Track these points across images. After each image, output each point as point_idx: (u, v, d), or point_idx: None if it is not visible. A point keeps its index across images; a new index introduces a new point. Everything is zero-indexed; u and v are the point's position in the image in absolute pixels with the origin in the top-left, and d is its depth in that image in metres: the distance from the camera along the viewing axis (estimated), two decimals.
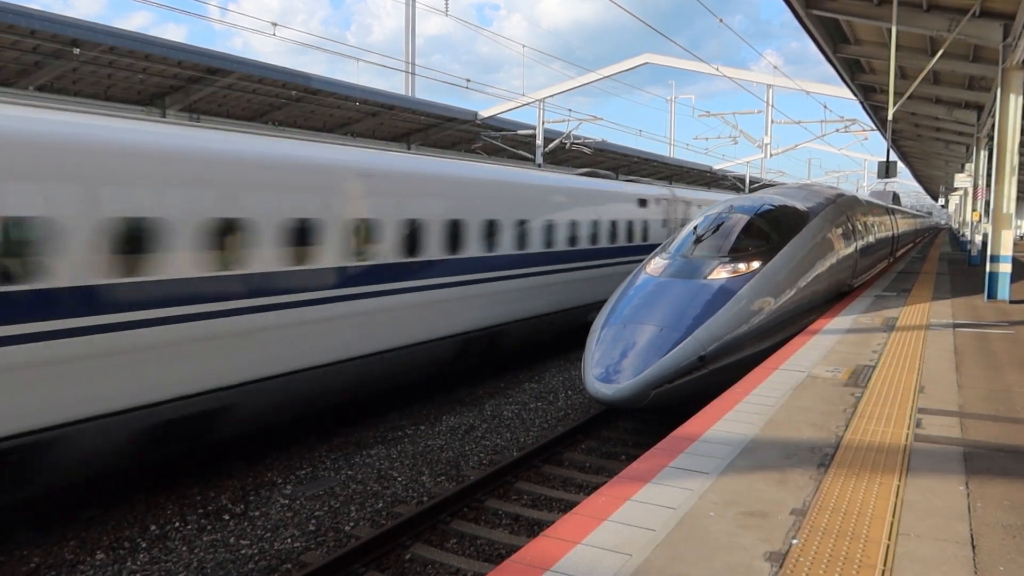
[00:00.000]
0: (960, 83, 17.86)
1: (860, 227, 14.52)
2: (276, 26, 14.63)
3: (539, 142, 26.22)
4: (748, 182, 43.35)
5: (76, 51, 14.65)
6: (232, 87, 18.73)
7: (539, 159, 25.95)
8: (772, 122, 29.82)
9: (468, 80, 21.70)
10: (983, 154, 20.73)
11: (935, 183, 56.61)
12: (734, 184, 46.80)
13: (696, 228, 10.73)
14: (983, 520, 4.02)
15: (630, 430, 9.72)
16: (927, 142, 30.29)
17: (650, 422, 9.78)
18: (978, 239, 22.15)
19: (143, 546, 6.49)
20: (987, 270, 13.63)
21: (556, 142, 26.95)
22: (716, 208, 11.33)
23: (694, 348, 8.28)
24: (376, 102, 21.86)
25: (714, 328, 8.55)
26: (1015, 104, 12.80)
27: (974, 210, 21.82)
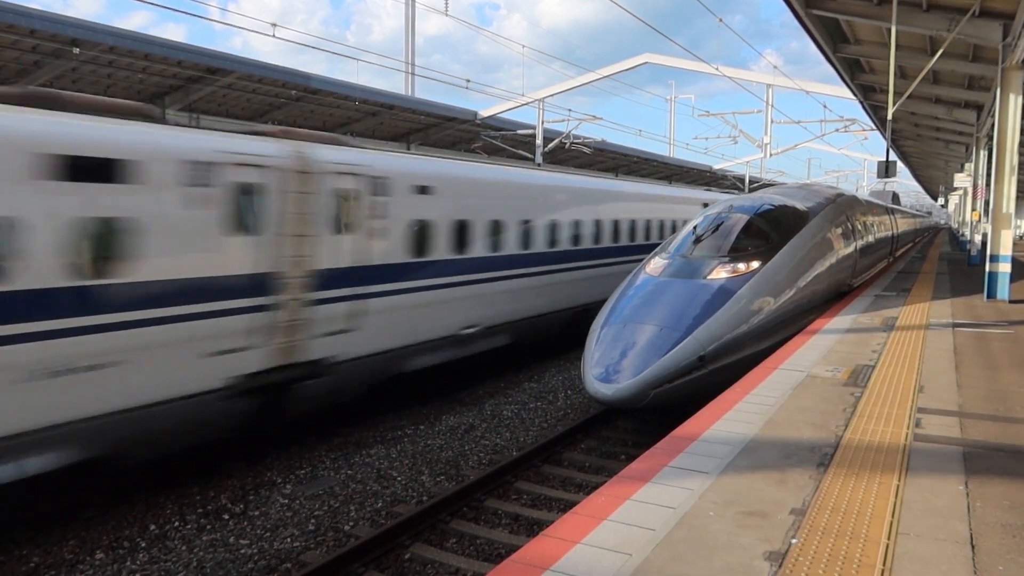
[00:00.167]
0: (960, 83, 17.87)
1: (860, 227, 14.52)
2: (276, 26, 14.63)
3: (539, 142, 26.23)
4: (748, 182, 43.36)
5: (76, 51, 14.66)
6: (232, 87, 18.74)
7: (539, 159, 25.96)
8: (772, 122, 29.86)
9: (468, 80, 21.73)
10: (983, 154, 20.74)
11: (935, 183, 56.64)
12: (734, 184, 46.81)
13: (696, 228, 10.73)
14: (982, 520, 4.02)
15: (630, 430, 9.72)
16: (927, 142, 30.30)
17: (650, 422, 9.78)
18: (978, 239, 22.15)
19: (143, 545, 6.49)
20: (987, 270, 13.63)
21: (556, 142, 26.97)
22: (715, 208, 11.34)
23: (694, 348, 8.28)
24: (376, 102, 21.88)
25: (714, 328, 8.54)
26: (1015, 104, 12.80)
27: (974, 210, 21.82)
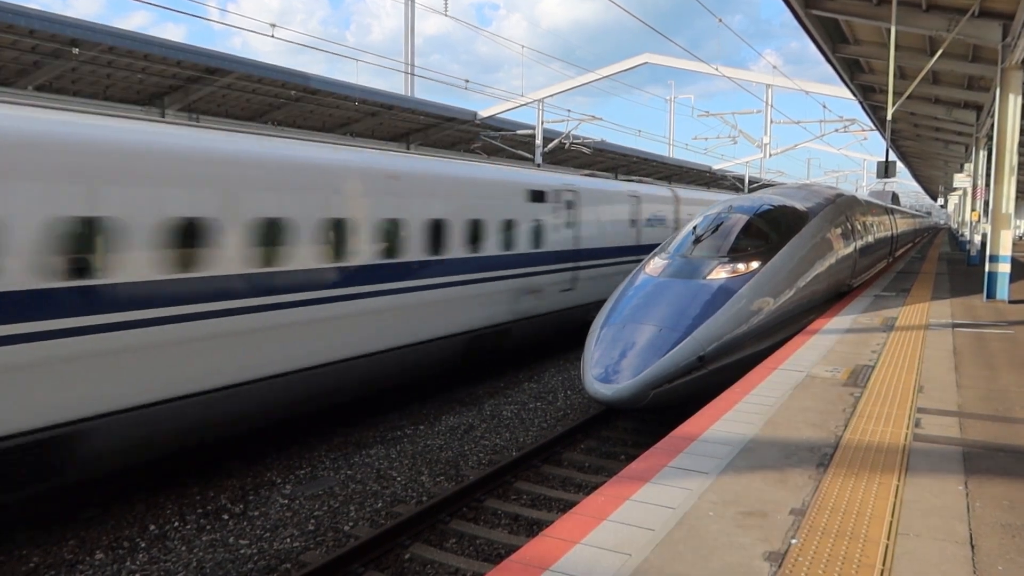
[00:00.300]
0: (959, 83, 17.87)
1: (859, 227, 14.52)
2: (275, 27, 14.63)
3: (538, 142, 26.23)
4: (747, 182, 43.36)
5: (75, 51, 14.64)
6: (231, 87, 18.73)
7: (538, 159, 25.96)
8: (771, 122, 29.86)
9: (467, 80, 21.73)
10: (982, 154, 20.74)
11: (934, 183, 56.64)
12: (733, 184, 46.81)
13: (695, 228, 10.73)
14: (982, 520, 4.02)
15: (629, 430, 9.72)
16: (926, 142, 30.30)
17: (649, 422, 9.78)
18: (977, 239, 22.15)
19: (142, 546, 6.49)
20: (986, 270, 13.63)
21: (555, 142, 26.97)
22: (715, 208, 11.34)
23: (693, 348, 8.28)
24: (375, 102, 21.85)
25: (713, 328, 8.54)
26: (1014, 104, 12.80)
27: (973, 210, 21.82)
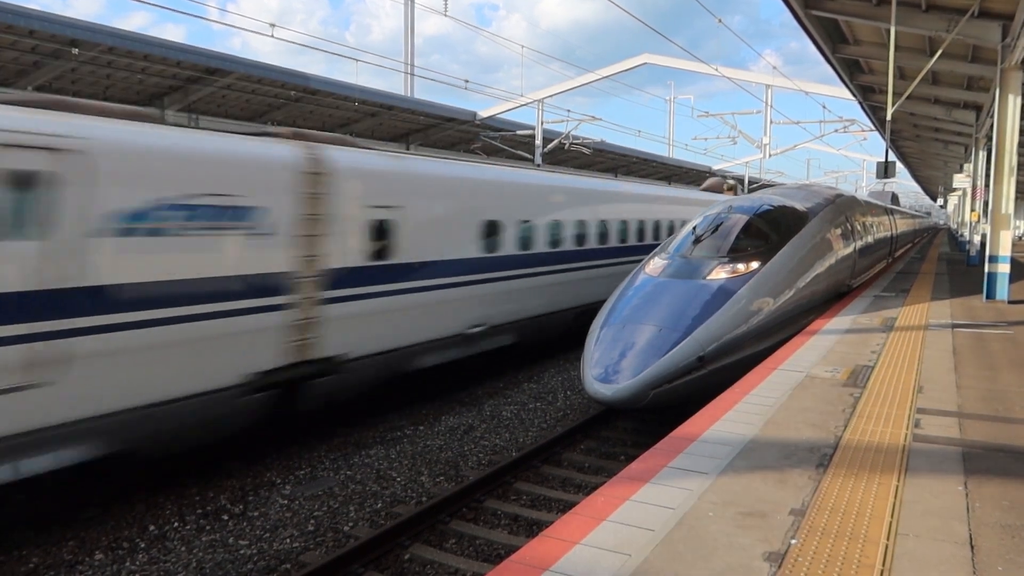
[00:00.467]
0: (959, 83, 17.88)
1: (859, 227, 14.52)
2: (275, 27, 14.64)
3: (538, 142, 26.24)
4: (747, 182, 43.36)
5: (75, 51, 14.65)
6: (231, 87, 18.74)
7: (538, 159, 25.96)
8: (771, 122, 29.86)
9: (467, 80, 21.75)
10: (982, 154, 20.75)
11: (934, 183, 56.65)
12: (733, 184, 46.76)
13: (695, 228, 10.73)
14: (982, 520, 4.02)
15: (629, 430, 9.72)
16: (926, 142, 30.32)
17: (649, 422, 9.78)
18: (977, 239, 22.16)
19: (142, 546, 6.49)
20: (986, 270, 13.63)
21: (555, 142, 26.97)
22: (715, 208, 11.34)
23: (693, 348, 8.28)
24: (375, 102, 21.87)
25: (713, 328, 8.54)
26: (1014, 104, 12.80)
27: (973, 210, 21.83)
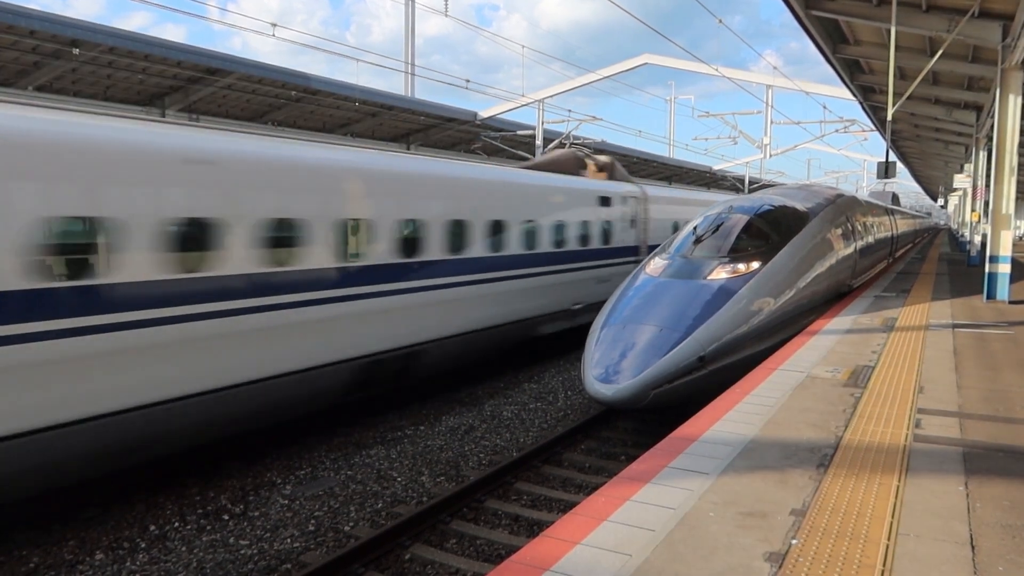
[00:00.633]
0: (959, 84, 17.88)
1: (859, 227, 14.52)
2: (275, 27, 14.64)
3: (539, 142, 26.24)
4: (747, 182, 43.37)
5: (76, 51, 14.66)
6: (232, 87, 18.74)
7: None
8: (771, 122, 29.86)
9: (468, 80, 21.74)
10: (982, 154, 20.75)
11: (934, 183, 56.65)
12: (733, 185, 46.81)
13: (696, 228, 10.73)
14: (982, 520, 4.02)
15: (630, 430, 9.71)
16: (926, 142, 30.31)
17: (650, 422, 9.78)
18: (977, 239, 22.15)
19: (142, 546, 6.49)
20: (986, 270, 13.63)
21: (556, 142, 26.96)
22: (716, 208, 11.34)
23: (694, 348, 8.28)
24: (376, 102, 21.87)
25: (714, 328, 8.54)
26: (1014, 104, 12.80)
27: (973, 210, 21.83)
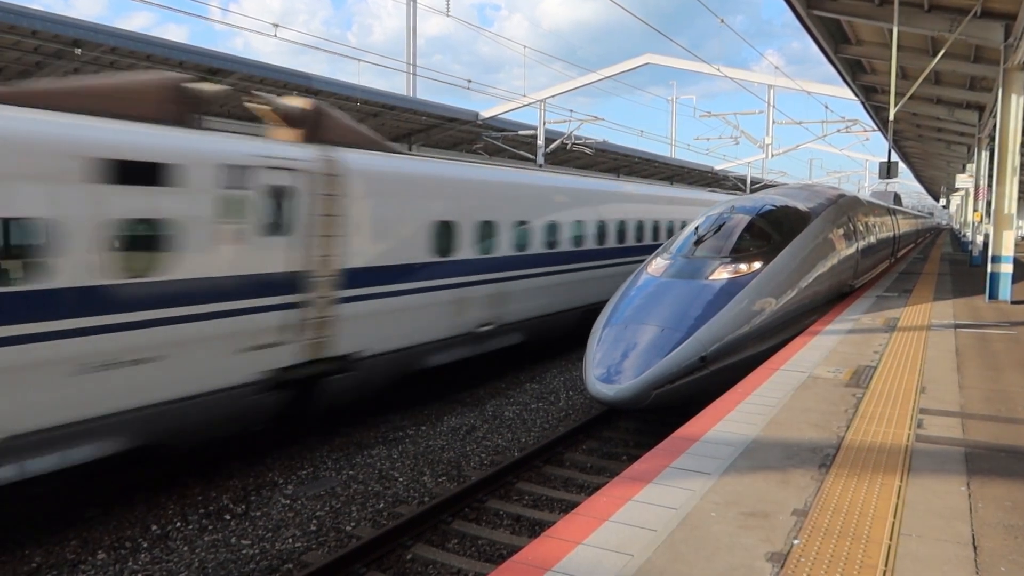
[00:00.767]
0: (961, 83, 17.86)
1: (861, 228, 14.52)
2: (277, 27, 14.66)
3: (540, 142, 26.22)
4: (749, 182, 43.33)
5: (78, 51, 14.66)
6: (234, 87, 18.74)
7: (540, 160, 25.96)
8: (773, 122, 29.80)
9: (469, 80, 21.74)
10: (984, 154, 20.71)
11: (936, 183, 56.58)
12: (735, 185, 46.79)
13: (697, 228, 10.73)
14: (984, 520, 4.02)
15: (631, 430, 9.71)
16: (928, 142, 30.27)
17: (651, 422, 9.78)
18: (979, 240, 22.13)
19: (144, 546, 6.50)
20: (988, 271, 13.62)
21: (557, 142, 26.96)
22: (717, 208, 11.34)
23: (695, 348, 8.27)
24: (377, 102, 21.86)
25: (715, 328, 8.54)
26: (1016, 104, 12.79)
27: (975, 210, 21.80)
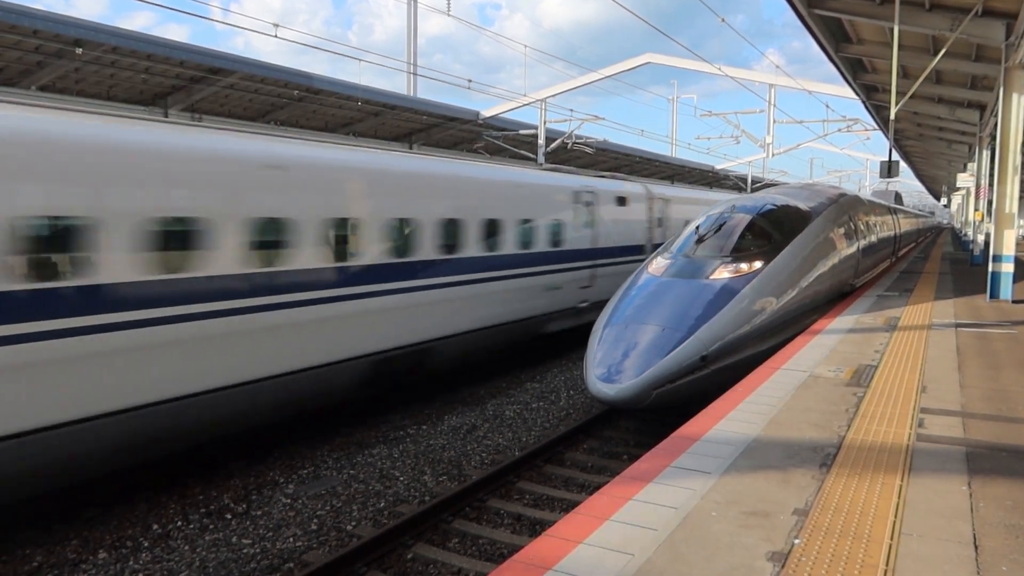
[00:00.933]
0: (962, 82, 17.84)
1: (862, 227, 14.51)
2: (278, 27, 14.64)
3: (541, 142, 26.21)
4: (750, 182, 43.31)
5: (79, 51, 14.66)
6: (234, 87, 18.74)
7: (541, 159, 25.95)
8: (774, 122, 29.77)
9: (470, 80, 21.73)
10: (985, 153, 20.70)
11: (937, 183, 56.53)
12: (736, 184, 46.77)
13: (698, 228, 10.72)
14: (985, 520, 4.01)
15: (632, 430, 9.71)
16: (929, 141, 30.24)
17: (652, 422, 9.78)
18: (980, 239, 22.11)
19: (145, 545, 6.50)
20: (989, 270, 13.61)
21: (558, 142, 26.95)
22: (718, 208, 11.33)
23: (696, 348, 8.27)
24: (378, 102, 21.86)
25: (716, 328, 8.54)
26: (1017, 103, 12.78)
27: (976, 210, 21.78)
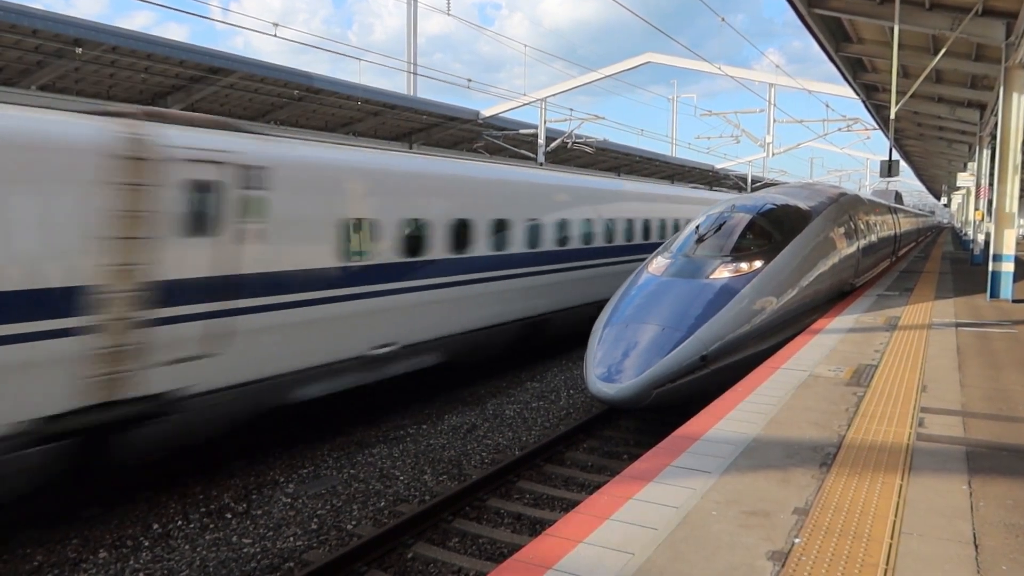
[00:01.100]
0: (963, 82, 17.84)
1: (862, 226, 14.50)
2: (278, 26, 14.64)
3: (541, 141, 26.21)
4: (750, 181, 43.31)
5: (78, 51, 14.67)
6: (234, 87, 18.74)
7: (541, 158, 25.95)
8: (774, 121, 29.77)
9: (470, 80, 21.73)
10: (986, 153, 20.69)
11: (937, 182, 56.52)
12: (736, 183, 46.77)
13: (698, 227, 10.72)
14: (985, 519, 4.02)
15: (632, 429, 9.71)
16: (929, 141, 30.24)
17: (652, 421, 9.78)
18: (980, 238, 22.11)
19: (146, 544, 6.51)
20: (989, 269, 13.61)
21: (558, 141, 26.96)
22: (718, 207, 11.34)
23: (696, 347, 8.27)
24: (378, 102, 21.86)
25: (716, 327, 8.54)
26: (1018, 103, 12.78)
27: (977, 209, 21.77)
